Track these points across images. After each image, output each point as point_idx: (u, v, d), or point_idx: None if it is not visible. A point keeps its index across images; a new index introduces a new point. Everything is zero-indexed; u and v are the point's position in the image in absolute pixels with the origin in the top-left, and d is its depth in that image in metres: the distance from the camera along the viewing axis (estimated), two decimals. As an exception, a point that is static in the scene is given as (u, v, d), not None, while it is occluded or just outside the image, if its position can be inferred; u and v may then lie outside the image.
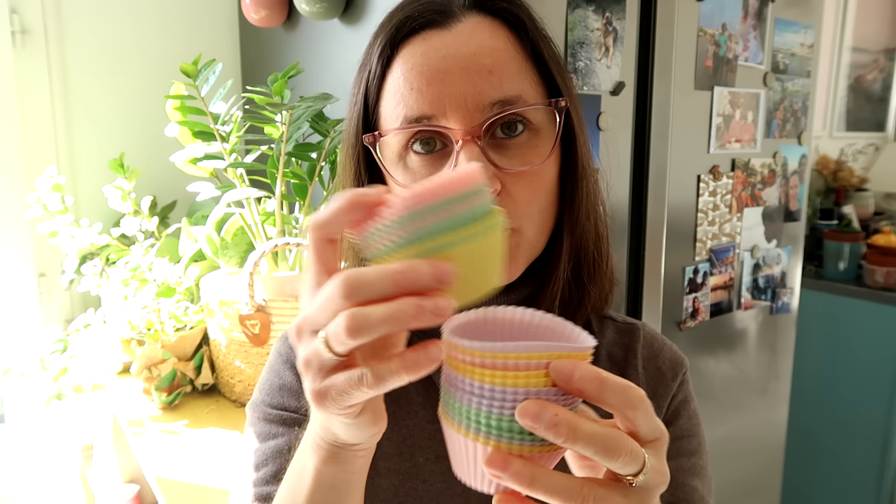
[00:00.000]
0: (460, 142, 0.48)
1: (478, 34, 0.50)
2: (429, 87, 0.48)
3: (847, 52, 2.76)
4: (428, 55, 0.49)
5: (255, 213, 1.18)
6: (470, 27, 0.50)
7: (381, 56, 0.51)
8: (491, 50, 0.49)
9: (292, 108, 1.10)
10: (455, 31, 0.50)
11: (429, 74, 0.48)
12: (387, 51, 0.51)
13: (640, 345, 0.64)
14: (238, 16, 1.68)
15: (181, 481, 0.97)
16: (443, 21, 0.50)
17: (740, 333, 1.53)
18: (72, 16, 1.48)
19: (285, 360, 0.62)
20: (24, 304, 1.47)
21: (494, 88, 0.48)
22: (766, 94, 1.45)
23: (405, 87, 0.49)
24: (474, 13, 0.51)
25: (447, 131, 0.48)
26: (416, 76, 0.49)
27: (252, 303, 1.09)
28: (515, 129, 0.50)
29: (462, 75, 0.48)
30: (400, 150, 0.51)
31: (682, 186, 1.33)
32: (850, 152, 2.82)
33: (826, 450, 2.22)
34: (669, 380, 0.63)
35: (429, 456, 0.57)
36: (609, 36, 1.14)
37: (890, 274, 2.09)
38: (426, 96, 0.48)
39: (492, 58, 0.49)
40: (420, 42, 0.50)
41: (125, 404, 1.22)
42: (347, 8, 1.28)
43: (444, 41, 0.49)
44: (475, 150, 0.47)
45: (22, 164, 1.43)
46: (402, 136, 0.50)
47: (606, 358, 0.63)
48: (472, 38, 0.49)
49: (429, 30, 0.50)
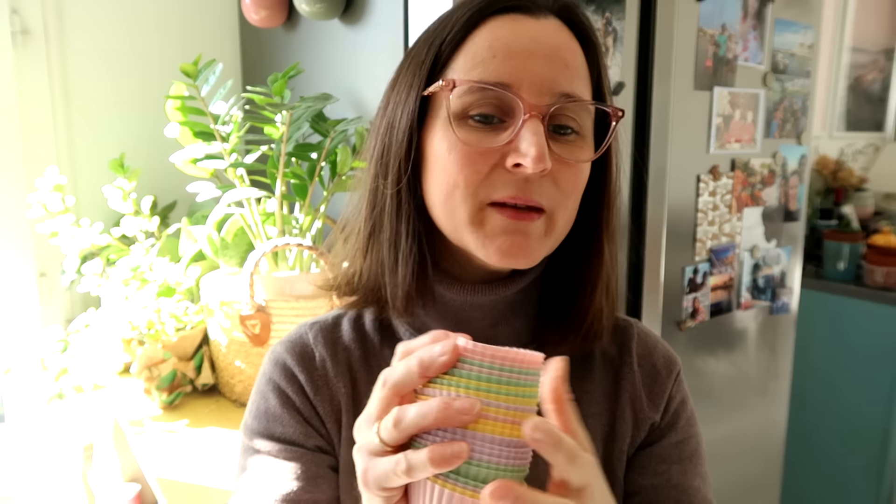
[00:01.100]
0: (528, 115, 0.49)
1: (561, 33, 0.53)
2: (512, 58, 0.50)
3: (847, 52, 2.76)
4: (516, 33, 0.51)
5: (255, 213, 1.18)
6: (554, 26, 0.53)
7: (469, 22, 0.53)
8: (571, 50, 0.53)
9: (292, 109, 1.10)
10: (542, 22, 0.53)
11: (515, 49, 0.51)
12: (475, 17, 0.53)
13: (634, 343, 0.64)
14: (238, 16, 1.68)
15: (181, 481, 0.97)
16: (533, 10, 0.53)
17: (740, 333, 1.53)
18: (72, 16, 1.48)
19: (268, 379, 0.61)
20: (25, 304, 1.47)
21: (568, 81, 0.51)
22: (765, 94, 1.45)
23: (488, 54, 0.51)
24: (556, 18, 0.54)
25: (520, 100, 0.49)
26: (502, 47, 0.51)
27: (252, 303, 1.09)
28: (567, 130, 0.52)
29: (544, 60, 0.51)
30: (458, 112, 0.51)
31: (682, 186, 1.33)
32: (849, 152, 2.82)
33: (826, 450, 2.22)
34: (664, 377, 0.64)
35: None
36: (609, 36, 1.14)
37: (889, 274, 2.09)
38: (507, 66, 0.50)
39: (571, 55, 0.52)
40: (509, 21, 0.52)
41: (125, 404, 1.22)
42: (347, 8, 1.28)
43: (533, 26, 0.52)
44: (539, 127, 0.49)
45: (22, 164, 1.43)
46: (466, 100, 0.51)
47: (600, 356, 0.63)
48: (557, 33, 0.52)
49: (519, 13, 0.52)
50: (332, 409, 0.59)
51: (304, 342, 0.61)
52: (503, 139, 0.50)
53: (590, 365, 0.63)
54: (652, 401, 0.62)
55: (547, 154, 0.49)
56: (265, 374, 0.61)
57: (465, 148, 0.51)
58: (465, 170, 0.50)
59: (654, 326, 1.31)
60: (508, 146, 0.50)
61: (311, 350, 0.60)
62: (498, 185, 0.50)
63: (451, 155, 0.51)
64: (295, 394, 0.59)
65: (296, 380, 0.59)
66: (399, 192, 0.54)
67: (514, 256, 0.51)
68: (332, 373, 0.59)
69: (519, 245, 0.51)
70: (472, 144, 0.50)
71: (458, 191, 0.51)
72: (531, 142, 0.48)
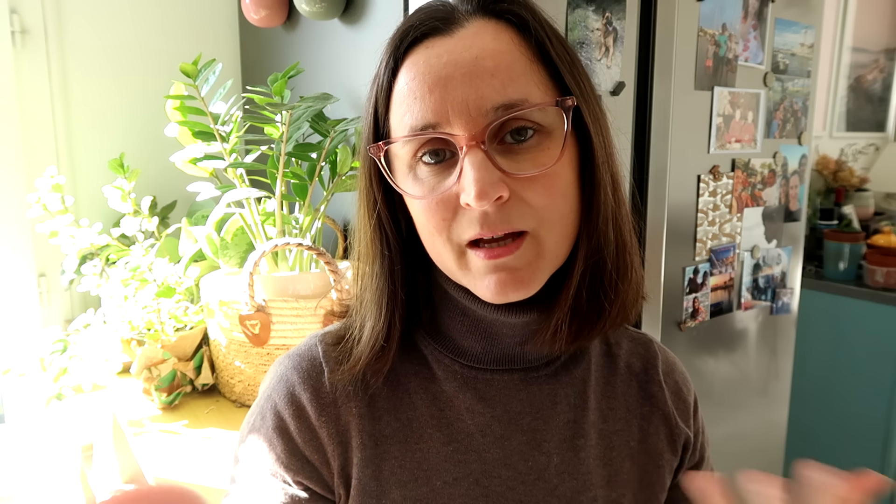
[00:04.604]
0: (464, 148, 0.47)
1: (480, 38, 0.48)
2: (431, 94, 0.48)
3: (847, 52, 2.76)
4: (430, 63, 0.48)
5: (255, 213, 1.18)
6: (472, 31, 0.49)
7: (387, 67, 0.51)
8: (493, 53, 0.48)
9: (292, 108, 1.10)
10: (458, 36, 0.49)
11: (431, 82, 0.48)
12: (391, 62, 0.51)
13: (659, 360, 0.63)
14: (238, 16, 1.68)
15: (181, 481, 0.97)
16: (445, 28, 0.49)
17: (740, 333, 1.53)
18: (72, 15, 1.48)
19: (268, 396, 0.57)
20: (24, 304, 1.47)
21: (497, 92, 0.47)
22: (766, 94, 1.45)
23: (409, 97, 0.49)
24: (478, 17, 0.50)
25: (451, 138, 0.47)
26: (419, 84, 0.48)
27: (252, 303, 1.09)
28: (525, 133, 0.48)
29: (464, 80, 0.47)
30: (409, 161, 0.50)
31: (683, 186, 1.33)
32: (850, 152, 2.82)
33: (826, 450, 2.22)
34: (686, 394, 0.64)
35: (446, 479, 0.54)
36: (609, 36, 1.14)
37: (890, 274, 2.09)
38: (429, 104, 0.48)
39: (494, 61, 0.47)
40: (423, 50, 0.49)
41: (125, 404, 1.22)
42: (347, 8, 1.28)
43: (446, 47, 0.48)
44: (479, 156, 0.46)
45: (22, 164, 1.43)
46: (410, 147, 0.49)
47: (626, 369, 0.62)
48: (474, 43, 0.48)
49: (432, 37, 0.49)
50: (337, 431, 0.54)
51: (313, 355, 0.57)
52: (453, 179, 0.48)
53: (613, 380, 0.61)
54: (681, 416, 0.62)
55: (490, 185, 0.45)
56: (268, 388, 0.58)
57: (422, 201, 0.49)
58: (433, 219, 0.49)
59: (655, 326, 1.31)
60: (458, 184, 0.47)
61: (321, 365, 0.56)
62: (464, 225, 0.48)
63: (418, 210, 0.51)
64: (292, 418, 0.54)
65: (297, 401, 0.55)
66: (370, 239, 0.54)
67: (505, 293, 0.49)
68: (341, 391, 0.55)
69: (506, 281, 0.48)
70: (427, 196, 0.49)
71: (436, 238, 0.50)
72: (470, 178, 0.46)
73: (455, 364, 0.56)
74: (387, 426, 0.55)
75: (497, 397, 0.56)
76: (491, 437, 0.55)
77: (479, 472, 0.54)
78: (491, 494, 0.54)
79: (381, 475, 0.54)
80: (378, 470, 0.54)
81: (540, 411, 0.56)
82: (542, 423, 0.56)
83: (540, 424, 0.56)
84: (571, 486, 0.56)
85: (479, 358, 0.56)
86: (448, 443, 0.55)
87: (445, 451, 0.55)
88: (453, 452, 0.55)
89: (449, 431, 0.55)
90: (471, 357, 0.56)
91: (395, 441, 0.55)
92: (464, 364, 0.56)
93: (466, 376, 0.56)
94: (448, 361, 0.57)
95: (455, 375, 0.56)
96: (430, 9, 0.51)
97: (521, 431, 0.56)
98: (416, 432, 0.55)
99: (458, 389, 0.56)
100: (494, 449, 0.55)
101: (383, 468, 0.54)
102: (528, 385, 0.57)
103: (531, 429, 0.56)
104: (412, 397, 0.56)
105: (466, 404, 0.55)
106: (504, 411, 0.56)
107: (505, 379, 0.56)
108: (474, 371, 0.56)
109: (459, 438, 0.55)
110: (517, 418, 0.56)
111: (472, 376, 0.56)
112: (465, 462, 0.54)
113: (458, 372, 0.56)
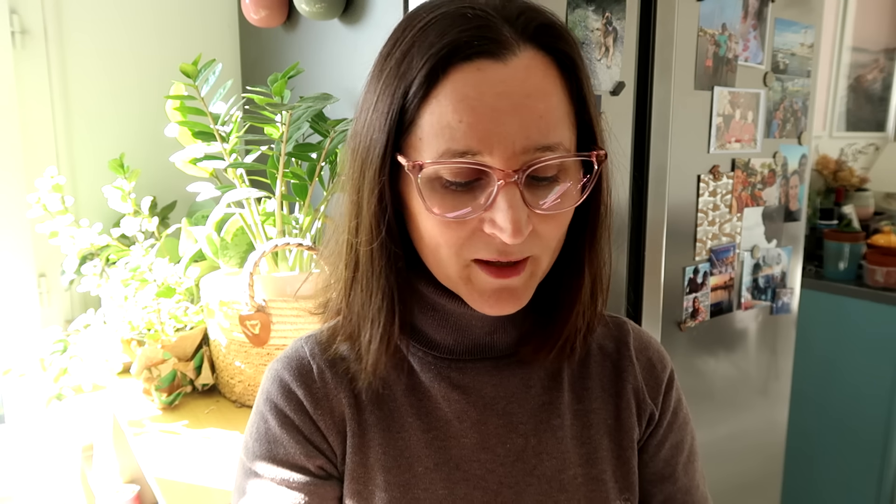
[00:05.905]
0: (502, 182, 0.47)
1: (532, 74, 0.48)
2: (479, 123, 0.47)
3: (847, 52, 2.76)
4: (481, 89, 0.47)
5: (255, 213, 1.18)
6: (525, 63, 0.48)
7: (430, 76, 0.48)
8: (544, 94, 0.48)
9: (292, 109, 1.10)
10: (511, 66, 0.47)
11: (481, 111, 0.47)
12: (438, 68, 0.48)
13: (630, 338, 0.66)
14: (238, 16, 1.68)
15: (181, 482, 0.97)
16: (498, 53, 0.48)
17: (740, 333, 1.53)
18: (72, 16, 1.48)
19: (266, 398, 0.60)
20: (24, 304, 1.47)
21: (542, 134, 0.48)
22: (766, 94, 1.45)
23: (454, 119, 0.47)
24: (529, 47, 0.49)
25: (491, 170, 0.47)
26: (468, 110, 0.47)
27: (252, 303, 1.09)
28: (549, 172, 0.50)
29: (513, 115, 0.47)
30: (432, 177, 0.49)
31: (682, 186, 1.33)
32: (850, 152, 2.82)
33: (826, 450, 2.22)
34: (660, 371, 0.66)
35: (427, 465, 0.58)
36: (609, 36, 1.14)
37: (890, 274, 2.09)
38: (476, 132, 0.47)
39: (544, 103, 0.48)
40: (474, 72, 0.47)
41: (125, 404, 1.22)
42: (347, 8, 1.28)
43: (499, 76, 0.47)
44: (515, 193, 0.47)
45: (22, 164, 1.43)
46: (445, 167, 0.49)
47: (598, 350, 0.65)
48: (527, 79, 0.48)
49: (483, 59, 0.47)
50: (333, 422, 0.58)
51: (301, 356, 0.60)
52: (479, 203, 0.48)
53: (587, 361, 0.64)
54: (650, 391, 0.64)
55: (524, 224, 0.47)
56: (264, 392, 0.60)
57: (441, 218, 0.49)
58: (446, 234, 0.50)
59: (655, 326, 1.31)
60: (485, 211, 0.48)
61: (308, 363, 0.60)
62: (479, 246, 0.50)
63: (429, 219, 0.50)
64: (294, 412, 0.58)
65: (294, 396, 0.58)
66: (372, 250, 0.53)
67: (502, 309, 0.52)
68: (331, 384, 0.59)
69: (506, 299, 0.52)
70: (447, 213, 0.49)
71: (442, 250, 0.51)
72: (506, 216, 0.47)
73: (428, 356, 0.60)
74: (371, 415, 0.59)
75: (471, 384, 0.59)
76: (468, 423, 0.58)
77: (459, 457, 0.58)
78: (471, 478, 0.58)
79: (368, 462, 0.58)
80: (365, 457, 0.58)
81: (514, 395, 0.60)
82: (516, 406, 0.60)
83: (514, 407, 0.60)
84: (551, 465, 0.59)
85: (451, 349, 0.59)
86: (427, 430, 0.58)
87: (425, 438, 0.58)
88: (433, 439, 0.58)
89: (428, 420, 0.59)
90: (443, 349, 0.60)
91: (378, 430, 0.58)
92: (436, 356, 0.60)
93: (440, 367, 0.59)
94: (422, 354, 0.60)
95: (429, 367, 0.59)
96: (475, 25, 0.48)
97: (496, 415, 0.59)
98: (398, 422, 0.59)
99: (433, 380, 0.59)
100: (472, 434, 0.58)
101: (369, 455, 0.58)
102: (499, 370, 0.60)
103: (506, 412, 0.59)
104: (392, 389, 0.60)
105: (442, 393, 0.59)
106: (479, 397, 0.59)
107: (477, 367, 0.60)
108: (447, 361, 0.59)
109: (438, 426, 0.58)
110: (492, 403, 0.59)
111: (446, 366, 0.59)
112: (444, 448, 0.58)
113: (432, 363, 0.59)
